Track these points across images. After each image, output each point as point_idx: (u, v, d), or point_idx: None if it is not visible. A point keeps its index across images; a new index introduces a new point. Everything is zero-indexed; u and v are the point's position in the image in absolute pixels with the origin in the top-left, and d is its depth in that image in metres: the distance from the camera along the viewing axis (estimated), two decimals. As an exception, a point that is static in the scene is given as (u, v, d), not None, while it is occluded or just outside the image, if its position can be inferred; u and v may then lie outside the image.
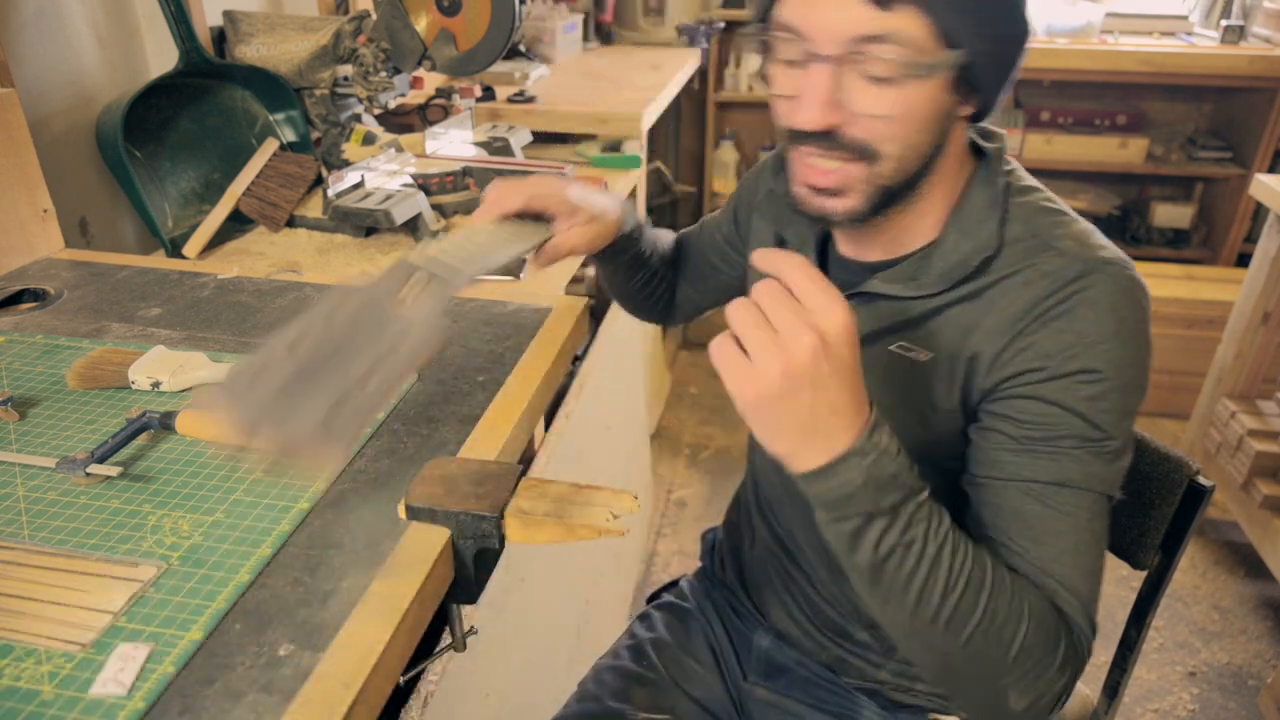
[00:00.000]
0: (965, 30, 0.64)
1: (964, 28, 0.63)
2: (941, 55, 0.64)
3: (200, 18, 1.50)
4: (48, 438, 0.80)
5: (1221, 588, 2.09)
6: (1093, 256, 0.69)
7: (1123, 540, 0.95)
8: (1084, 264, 0.68)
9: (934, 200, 0.74)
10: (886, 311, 0.76)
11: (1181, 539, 0.91)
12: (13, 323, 1.01)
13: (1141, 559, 0.94)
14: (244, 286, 1.11)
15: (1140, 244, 3.30)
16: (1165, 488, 0.91)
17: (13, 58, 1.19)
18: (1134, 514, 0.94)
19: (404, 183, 1.48)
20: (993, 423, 0.71)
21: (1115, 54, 2.97)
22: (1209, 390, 2.16)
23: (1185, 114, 3.35)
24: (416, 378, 0.90)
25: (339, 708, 0.54)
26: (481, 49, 1.40)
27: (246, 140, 1.52)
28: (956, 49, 0.64)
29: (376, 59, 1.44)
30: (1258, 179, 1.92)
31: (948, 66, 0.65)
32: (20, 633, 0.60)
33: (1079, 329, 0.67)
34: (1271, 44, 2.95)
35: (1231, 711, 1.77)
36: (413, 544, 0.67)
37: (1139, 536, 0.94)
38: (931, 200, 0.74)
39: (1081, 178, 3.38)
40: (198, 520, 0.70)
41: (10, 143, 1.12)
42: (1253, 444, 1.94)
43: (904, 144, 0.68)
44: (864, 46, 0.63)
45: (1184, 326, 2.59)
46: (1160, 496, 0.92)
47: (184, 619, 0.61)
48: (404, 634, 0.61)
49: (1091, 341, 0.67)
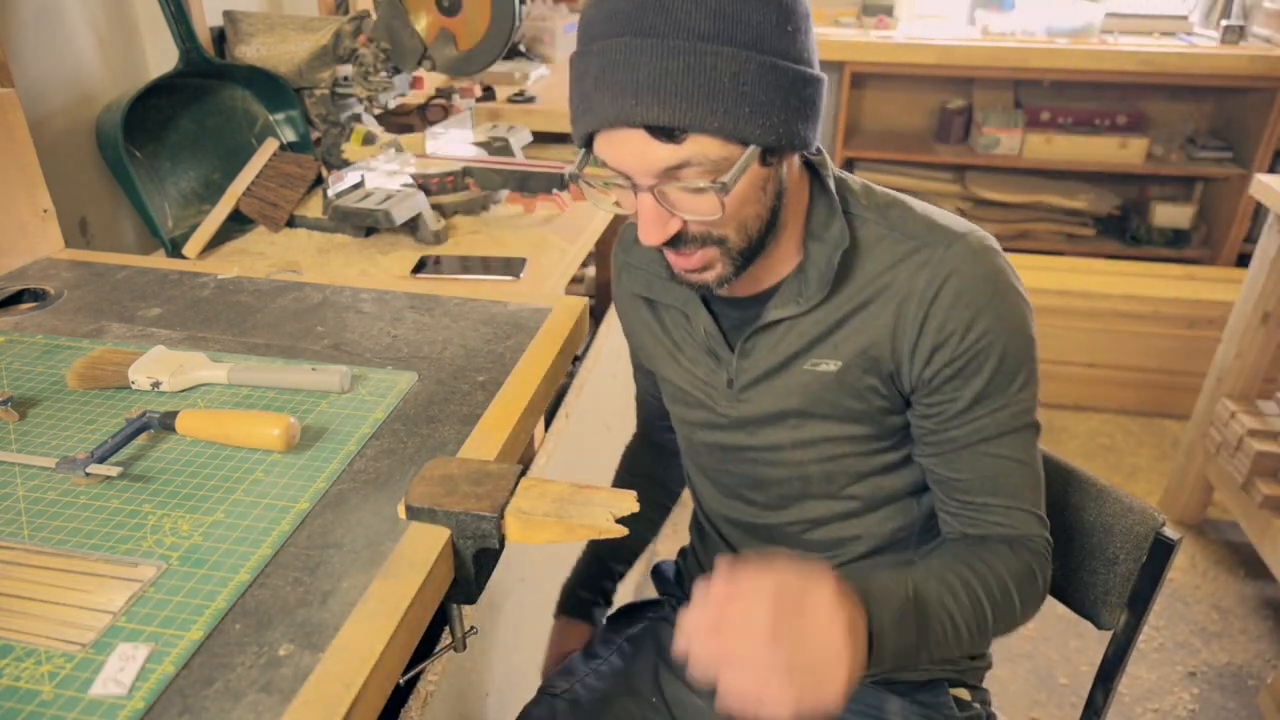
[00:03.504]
0: (755, 127, 0.68)
1: (753, 126, 0.68)
2: (742, 154, 0.69)
3: (200, 18, 1.50)
4: (48, 438, 0.80)
5: (1221, 588, 2.09)
6: (948, 234, 0.77)
7: (1085, 599, 0.91)
8: (946, 246, 0.77)
9: (792, 225, 0.80)
10: (792, 335, 0.82)
11: (1149, 596, 0.86)
12: (13, 323, 1.01)
13: (1106, 618, 0.90)
14: (244, 286, 1.11)
15: (1140, 244, 3.30)
16: (1130, 541, 0.87)
17: (13, 58, 1.19)
18: (1096, 570, 0.89)
19: (404, 183, 1.48)
20: (927, 407, 0.80)
21: (1115, 54, 2.97)
22: (1209, 390, 2.16)
23: (1185, 114, 3.35)
24: (417, 377, 0.90)
25: (339, 708, 0.54)
26: (481, 49, 1.40)
27: (246, 140, 1.52)
28: (753, 144, 0.69)
29: (376, 59, 1.44)
30: (1258, 179, 1.92)
31: (750, 161, 0.70)
32: (20, 633, 0.60)
33: (965, 300, 0.76)
34: (1271, 44, 2.94)
35: (1231, 711, 1.76)
36: (413, 544, 0.67)
37: (1103, 594, 0.89)
38: (791, 226, 0.80)
39: (1081, 178, 3.38)
40: (198, 520, 0.70)
41: (10, 143, 1.12)
42: (1253, 444, 1.94)
43: (739, 223, 0.74)
44: (672, 174, 0.70)
45: (1184, 326, 2.59)
46: (1125, 550, 0.87)
47: (184, 619, 0.61)
48: (404, 634, 0.61)
49: (979, 307, 0.75)
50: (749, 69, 0.67)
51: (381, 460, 0.78)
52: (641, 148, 0.69)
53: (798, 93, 0.70)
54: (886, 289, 0.78)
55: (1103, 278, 2.68)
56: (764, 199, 0.74)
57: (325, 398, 0.87)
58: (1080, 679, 1.83)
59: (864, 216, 0.80)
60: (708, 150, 0.68)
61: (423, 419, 0.84)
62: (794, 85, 0.69)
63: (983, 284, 0.76)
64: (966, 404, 0.78)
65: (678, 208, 0.72)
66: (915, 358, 0.78)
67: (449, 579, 0.69)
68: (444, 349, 0.96)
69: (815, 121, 0.74)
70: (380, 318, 1.03)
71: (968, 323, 0.76)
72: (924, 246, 0.77)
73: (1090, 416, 2.69)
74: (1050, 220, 3.39)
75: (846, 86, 3.34)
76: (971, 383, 0.77)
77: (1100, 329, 2.61)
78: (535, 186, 1.48)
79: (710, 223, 0.73)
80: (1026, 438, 0.80)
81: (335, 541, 0.68)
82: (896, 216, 0.80)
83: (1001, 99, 3.41)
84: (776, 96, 0.68)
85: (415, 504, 0.67)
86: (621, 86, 0.67)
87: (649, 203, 0.72)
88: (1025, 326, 0.78)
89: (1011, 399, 0.78)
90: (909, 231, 0.78)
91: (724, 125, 0.67)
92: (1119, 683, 0.91)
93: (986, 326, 0.76)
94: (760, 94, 0.67)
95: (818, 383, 0.82)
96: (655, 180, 0.70)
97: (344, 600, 0.62)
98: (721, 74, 0.66)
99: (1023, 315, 0.78)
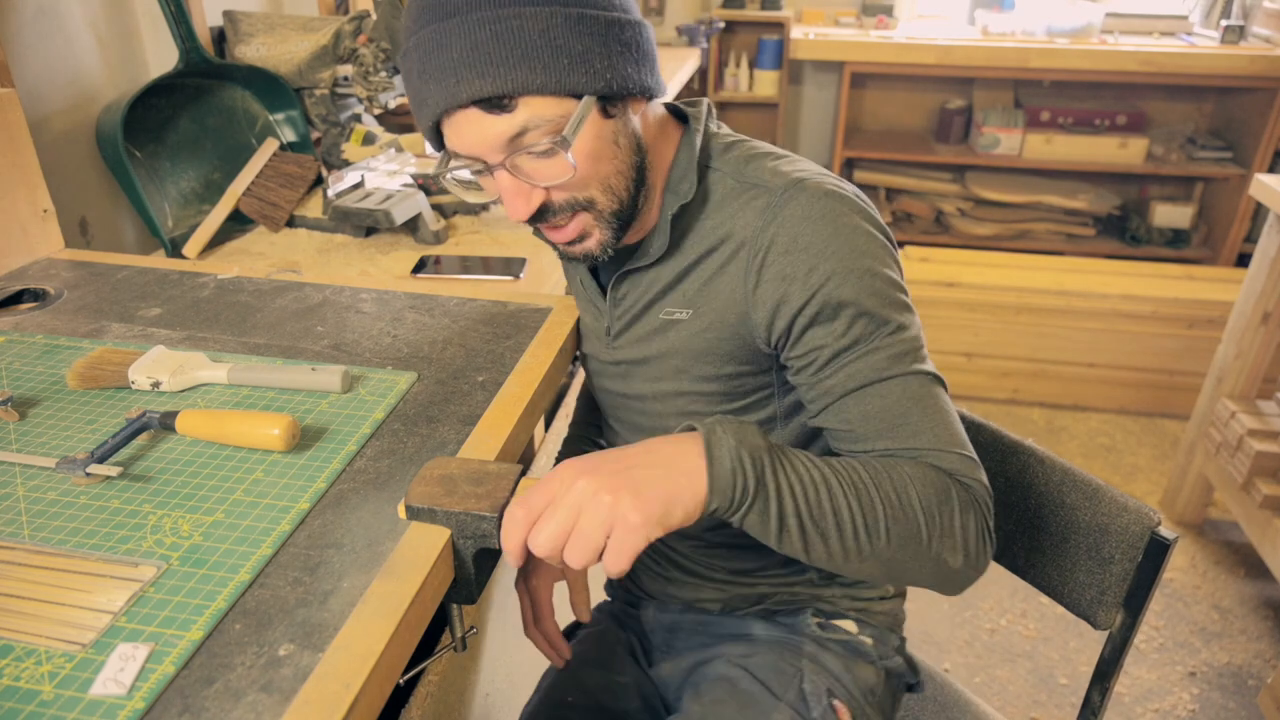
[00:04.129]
0: (579, 75, 0.69)
1: (576, 75, 0.69)
2: (575, 107, 0.70)
3: (200, 18, 1.50)
4: (48, 438, 0.80)
5: (1221, 588, 2.09)
6: (786, 180, 0.76)
7: (1081, 599, 0.90)
8: (781, 189, 0.75)
9: (660, 178, 0.81)
10: (649, 282, 0.83)
11: (1146, 596, 0.85)
12: (13, 323, 1.01)
13: (1102, 618, 0.89)
14: (244, 286, 1.11)
15: (1140, 244, 3.30)
16: (1125, 540, 0.86)
17: (13, 58, 1.19)
18: (1092, 570, 0.88)
19: (404, 183, 1.48)
20: (796, 361, 0.78)
21: (1115, 54, 2.97)
22: (1209, 390, 2.16)
23: (1185, 114, 3.35)
24: (417, 377, 0.90)
25: (339, 708, 0.54)
26: (481, 49, 1.39)
27: (246, 140, 1.52)
28: (583, 95, 0.70)
29: (376, 59, 1.44)
30: (1258, 179, 1.92)
31: (586, 111, 0.70)
32: (20, 633, 0.60)
33: (802, 244, 0.74)
34: (1271, 44, 2.94)
35: (1231, 711, 1.76)
36: (413, 544, 0.67)
37: (1099, 594, 0.89)
38: (659, 179, 0.81)
39: (1081, 178, 3.38)
40: (198, 520, 0.70)
41: (10, 143, 1.12)
42: (1253, 444, 1.94)
43: (602, 181, 0.75)
44: (515, 143, 0.71)
45: (1184, 326, 2.59)
46: (1120, 550, 0.86)
47: (184, 619, 0.61)
48: (404, 634, 0.61)
49: (818, 250, 0.73)
50: (555, 22, 0.68)
51: (381, 460, 0.78)
52: (479, 125, 0.70)
53: (616, 36, 0.70)
54: (727, 239, 0.78)
55: (1103, 278, 2.68)
56: (619, 153, 0.74)
57: (325, 398, 0.87)
58: (1080, 679, 1.83)
59: (720, 170, 0.80)
60: (542, 111, 0.69)
61: (423, 419, 0.84)
62: (610, 30, 0.70)
63: (819, 225, 0.74)
64: (833, 352, 0.75)
65: (534, 177, 0.73)
66: (760, 308, 0.77)
67: (449, 579, 0.69)
68: (444, 349, 0.96)
69: (645, 65, 0.74)
70: (380, 318, 1.03)
71: (808, 267, 0.73)
72: (764, 194, 0.77)
73: (1090, 416, 2.69)
74: (1050, 220, 3.39)
75: (846, 86, 3.34)
76: (831, 327, 0.74)
77: (1100, 329, 2.61)
78: (535, 186, 1.48)
79: (569, 185, 0.73)
80: (921, 384, 0.74)
81: (335, 541, 0.68)
82: (752, 170, 0.79)
83: (1001, 99, 3.41)
84: (594, 44, 0.69)
85: (415, 504, 0.67)
86: (441, 70, 0.69)
87: (505, 179, 0.73)
88: (878, 265, 0.74)
89: (884, 342, 0.74)
90: (754, 180, 0.78)
91: (546, 81, 0.68)
92: (1116, 682, 0.91)
93: (830, 270, 0.73)
94: (575, 44, 0.68)
95: (672, 329, 0.83)
96: (503, 154, 0.71)
97: (344, 600, 0.62)
98: (529, 33, 0.67)
99: (873, 253, 0.74)
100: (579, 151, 0.71)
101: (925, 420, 0.73)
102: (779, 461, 0.67)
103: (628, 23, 0.72)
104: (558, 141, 0.70)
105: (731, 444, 0.65)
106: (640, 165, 0.77)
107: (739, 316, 0.79)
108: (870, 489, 0.69)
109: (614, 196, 0.76)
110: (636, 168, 0.76)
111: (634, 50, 0.72)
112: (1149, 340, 2.62)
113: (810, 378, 0.77)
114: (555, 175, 0.72)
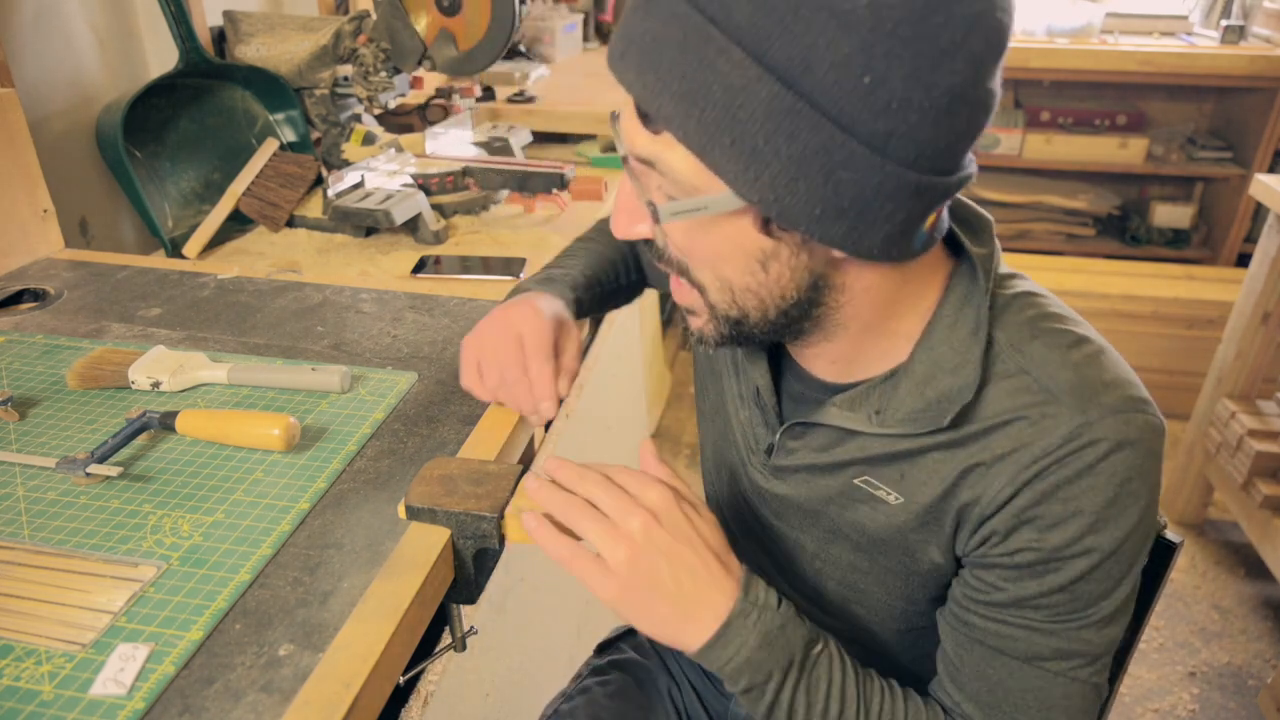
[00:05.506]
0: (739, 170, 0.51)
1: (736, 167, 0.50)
2: (712, 190, 0.53)
3: (200, 18, 1.50)
4: (48, 438, 0.80)
5: (1221, 588, 2.09)
6: (1097, 405, 0.57)
7: None
8: (1084, 417, 0.57)
9: (867, 323, 0.62)
10: (851, 442, 0.65)
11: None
12: (13, 323, 1.01)
13: None
14: (244, 286, 1.11)
15: (1140, 244, 3.30)
16: None
17: (13, 58, 1.19)
18: None
19: (404, 183, 1.48)
20: (970, 576, 0.64)
21: (1115, 54, 2.97)
22: (1209, 390, 2.16)
23: (1185, 114, 3.35)
24: (417, 377, 0.90)
25: (339, 708, 0.54)
26: (481, 49, 1.40)
27: (246, 140, 1.52)
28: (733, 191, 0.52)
29: (376, 59, 1.44)
30: (1258, 179, 1.92)
31: (719, 209, 0.54)
32: (20, 633, 0.60)
33: (1081, 504, 0.57)
34: (1271, 44, 2.94)
35: (1231, 711, 1.76)
36: (413, 544, 0.67)
37: None
38: (863, 324, 0.62)
39: (1081, 178, 3.38)
40: (198, 520, 0.70)
41: (10, 143, 1.12)
42: (1253, 444, 1.94)
43: (715, 276, 0.59)
44: (643, 166, 0.56)
45: (1184, 326, 2.59)
46: None
47: (184, 619, 0.61)
48: (404, 634, 0.61)
49: (1096, 518, 0.58)
50: (758, 98, 0.48)
51: (381, 460, 0.78)
52: (630, 119, 0.56)
53: (835, 171, 0.49)
54: (984, 442, 0.60)
55: (1103, 278, 2.68)
56: (756, 275, 0.57)
57: (325, 398, 0.87)
58: (1080, 679, 1.83)
59: (997, 339, 0.61)
60: (677, 164, 0.53)
61: (423, 419, 0.84)
62: (827, 157, 0.49)
63: (1107, 485, 0.57)
64: (1006, 600, 0.61)
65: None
66: (977, 531, 0.62)
67: (449, 579, 0.69)
68: (444, 349, 0.96)
69: (899, 229, 0.53)
70: (380, 318, 1.03)
71: (1060, 526, 0.58)
72: (1052, 404, 0.58)
73: (1090, 416, 2.69)
74: (1050, 220, 3.39)
75: (846, 86, 3.33)
76: (1024, 584, 0.60)
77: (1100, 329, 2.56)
78: (535, 186, 1.48)
79: (682, 250, 0.59)
80: (1070, 689, 0.61)
81: (335, 541, 0.68)
82: (1040, 352, 0.59)
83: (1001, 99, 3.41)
84: (789, 157, 0.49)
85: (415, 504, 0.67)
86: (626, 29, 0.53)
87: (626, 181, 0.60)
88: (1136, 552, 0.60)
89: (1069, 632, 0.60)
90: (1045, 379, 0.58)
91: (693, 139, 0.51)
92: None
93: (1084, 541, 0.58)
94: (764, 140, 0.49)
95: (867, 505, 0.66)
96: (633, 163, 0.57)
97: (344, 600, 0.62)
98: (713, 81, 0.49)
99: (1139, 540, 0.60)
100: (689, 237, 0.57)
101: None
102: (795, 683, 0.60)
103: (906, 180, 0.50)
104: (651, 210, 0.56)
105: (749, 649, 0.59)
106: (808, 302, 0.59)
107: (955, 529, 0.64)
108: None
109: (731, 303, 0.60)
110: (795, 301, 0.59)
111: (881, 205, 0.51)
112: (1149, 340, 2.62)
113: (966, 600, 0.64)
114: (668, 229, 0.58)
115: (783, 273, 0.57)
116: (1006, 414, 0.59)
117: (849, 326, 0.62)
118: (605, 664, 0.99)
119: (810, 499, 0.70)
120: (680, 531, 0.59)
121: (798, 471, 0.70)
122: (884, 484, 0.65)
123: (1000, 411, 0.59)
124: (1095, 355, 0.60)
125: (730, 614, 0.59)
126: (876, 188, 0.50)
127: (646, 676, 0.97)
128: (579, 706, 0.93)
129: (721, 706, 0.95)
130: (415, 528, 0.68)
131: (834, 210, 0.51)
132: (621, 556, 0.58)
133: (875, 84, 0.47)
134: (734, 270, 0.58)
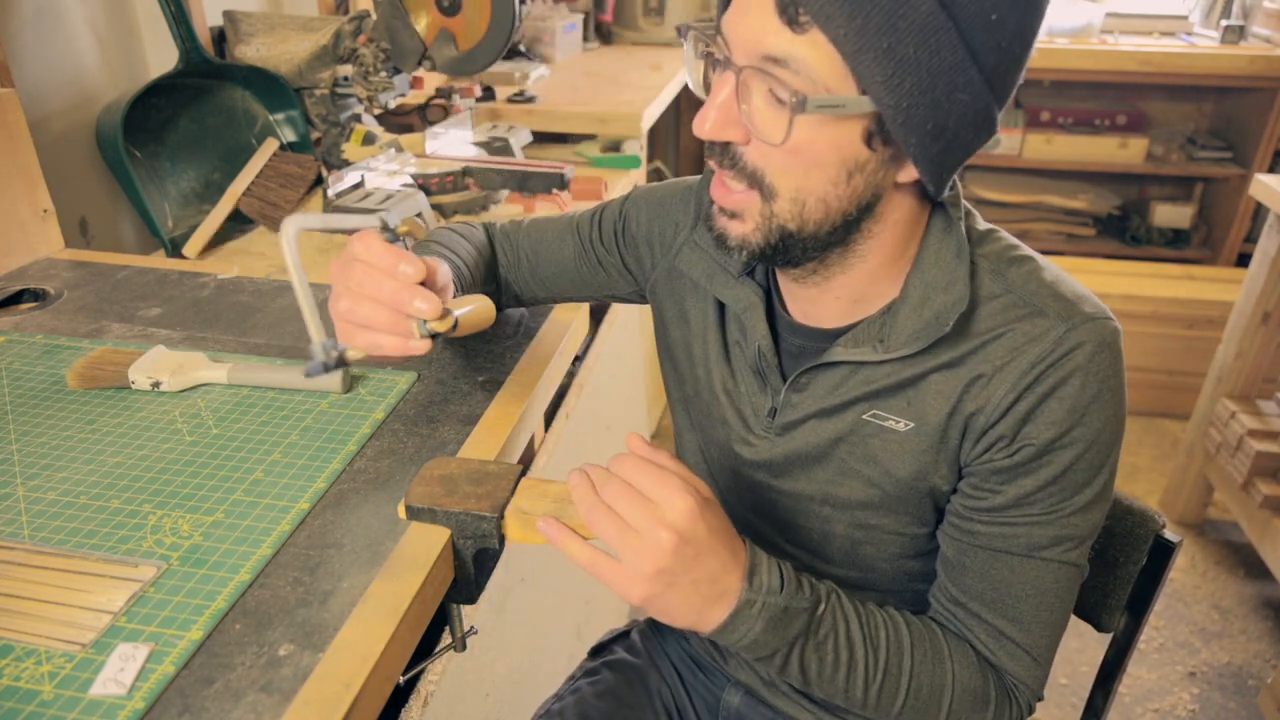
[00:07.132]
0: (880, 75, 0.56)
1: (878, 71, 0.56)
2: (846, 93, 0.58)
3: (200, 18, 1.50)
4: (48, 438, 0.80)
5: (1221, 588, 2.09)
6: (1077, 314, 0.66)
7: (1085, 601, 0.89)
8: (1068, 324, 0.65)
9: (883, 256, 0.69)
10: (857, 379, 0.71)
11: (1149, 598, 0.85)
12: (13, 323, 1.01)
13: (1106, 621, 0.88)
14: (244, 286, 1.11)
15: (1140, 244, 3.30)
16: (1130, 544, 0.85)
17: (13, 58, 1.19)
18: (1097, 573, 0.88)
19: (404, 183, 1.48)
20: (970, 487, 0.70)
21: (1115, 54, 2.97)
22: (1209, 390, 2.16)
23: (1185, 114, 3.35)
24: (417, 377, 0.90)
25: (339, 708, 0.54)
26: (481, 49, 1.40)
27: (246, 140, 1.52)
28: (868, 95, 0.57)
29: (376, 59, 1.44)
30: (1258, 179, 1.92)
31: (850, 111, 0.58)
32: (20, 633, 0.60)
33: (1071, 401, 0.65)
34: (1271, 44, 2.94)
35: (1231, 711, 1.76)
36: (413, 544, 0.67)
37: (1103, 597, 0.88)
38: (880, 257, 0.69)
39: (1081, 178, 3.38)
40: (198, 520, 0.70)
41: (10, 143, 1.12)
42: (1253, 444, 1.94)
43: (798, 183, 0.62)
44: (770, 66, 0.59)
45: (1184, 326, 2.59)
46: (1125, 554, 0.86)
47: (184, 619, 0.61)
48: (404, 634, 0.62)
49: (1082, 411, 0.65)
50: (918, 11, 0.54)
51: (381, 460, 0.78)
52: (762, 16, 0.58)
53: (955, 92, 0.57)
54: (982, 355, 0.67)
55: (1102, 278, 2.68)
56: (838, 185, 0.62)
57: (325, 398, 0.87)
58: (1080, 679, 1.83)
59: (979, 266, 0.69)
60: (816, 63, 0.57)
61: (423, 419, 0.84)
62: (955, 77, 0.56)
63: (1092, 382, 0.65)
64: (1005, 502, 0.68)
65: (751, 118, 0.61)
66: (982, 439, 0.68)
67: (449, 579, 0.69)
68: (444, 349, 0.96)
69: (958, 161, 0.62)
70: (380, 318, 1.03)
71: (1056, 421, 0.65)
72: (1039, 317, 0.66)
73: (1090, 416, 2.69)
74: (1050, 220, 3.39)
75: (846, 86, 3.34)
76: (1021, 482, 0.67)
77: (1100, 329, 2.61)
78: (535, 186, 1.48)
79: (774, 152, 0.61)
80: (1060, 573, 0.70)
81: (335, 541, 0.68)
82: (1018, 275, 0.68)
83: (1001, 99, 3.41)
84: (929, 70, 0.56)
85: (415, 504, 0.67)
86: None
87: (727, 84, 0.61)
88: (1114, 441, 0.68)
89: (1060, 519, 0.68)
90: (1027, 295, 0.67)
91: (848, 41, 0.55)
92: (1119, 685, 0.91)
93: (1074, 433, 0.66)
94: (914, 49, 0.55)
95: (877, 438, 0.71)
96: (751, 62, 0.59)
97: (344, 600, 0.62)
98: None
99: (1115, 429, 0.68)
100: (804, 134, 0.59)
101: (1037, 614, 0.70)
102: (803, 647, 0.65)
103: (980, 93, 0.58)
104: (797, 102, 0.58)
105: (755, 633, 0.63)
106: (850, 218, 0.65)
107: (959, 441, 0.70)
108: (904, 675, 0.68)
109: (795, 211, 0.63)
110: (845, 216, 0.64)
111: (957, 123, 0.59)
112: (1149, 340, 2.62)
113: (967, 511, 0.71)
114: (767, 130, 0.60)
115: (859, 186, 0.63)
116: (999, 328, 0.67)
117: (867, 259, 0.68)
118: (596, 665, 1.01)
119: (820, 445, 0.74)
120: (703, 543, 0.61)
121: (806, 421, 0.74)
122: (892, 414, 0.70)
123: (993, 327, 0.67)
124: (1060, 276, 0.69)
125: (737, 604, 0.63)
126: (976, 115, 0.59)
127: (636, 676, 0.99)
128: (568, 706, 0.95)
129: (714, 698, 0.96)
130: (415, 528, 0.68)
131: (939, 129, 0.59)
132: (648, 570, 0.60)
133: (999, 21, 0.56)
134: (821, 178, 0.62)
